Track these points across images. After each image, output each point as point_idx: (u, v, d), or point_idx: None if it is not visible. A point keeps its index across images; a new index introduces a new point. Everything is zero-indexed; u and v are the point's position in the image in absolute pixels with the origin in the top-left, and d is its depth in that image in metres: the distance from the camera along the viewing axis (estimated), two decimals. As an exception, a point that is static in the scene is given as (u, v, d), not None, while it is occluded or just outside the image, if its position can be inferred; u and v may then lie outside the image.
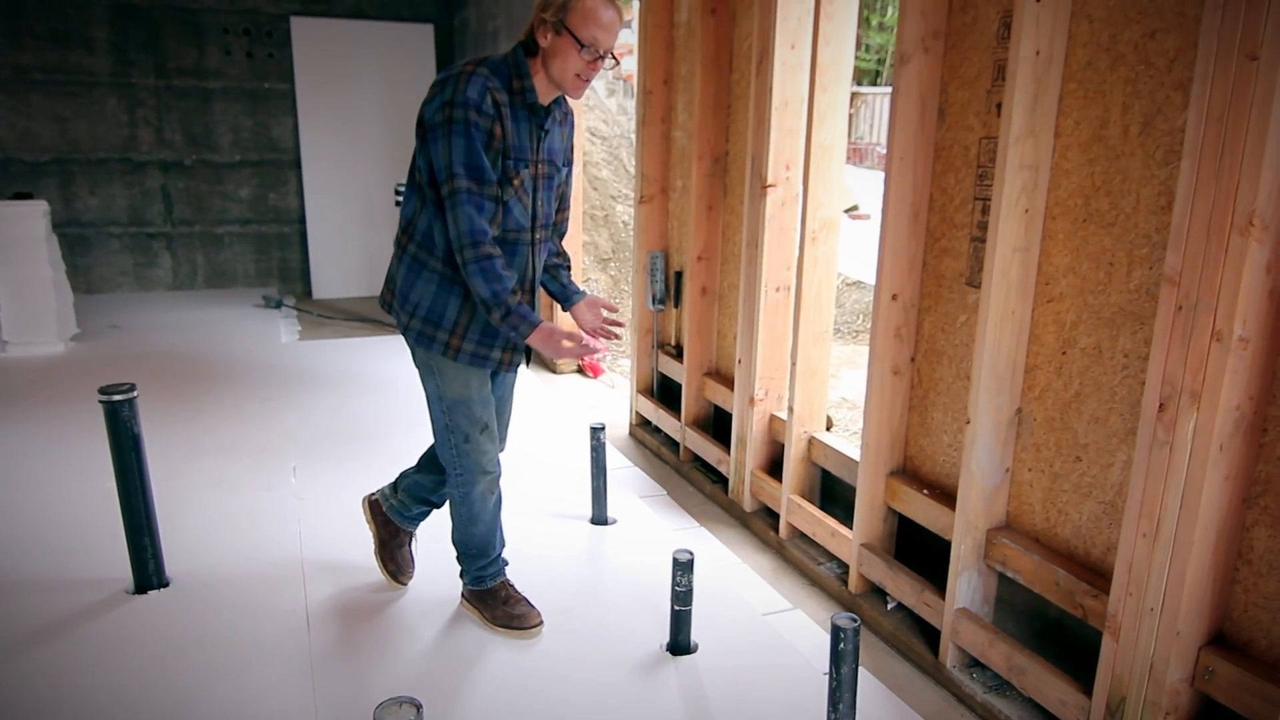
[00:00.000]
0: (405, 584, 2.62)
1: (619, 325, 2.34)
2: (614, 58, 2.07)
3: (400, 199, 5.98)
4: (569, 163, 2.28)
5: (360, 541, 2.84)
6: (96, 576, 2.65)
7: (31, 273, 5.06)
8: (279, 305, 6.58)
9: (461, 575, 2.51)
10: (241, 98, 6.85)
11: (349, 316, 6.44)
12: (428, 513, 2.61)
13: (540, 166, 2.15)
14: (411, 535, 2.65)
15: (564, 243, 2.42)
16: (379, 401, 4.43)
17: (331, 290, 7.17)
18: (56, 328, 5.19)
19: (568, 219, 2.38)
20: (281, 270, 7.29)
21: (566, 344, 2.09)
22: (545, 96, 2.09)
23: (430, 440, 2.42)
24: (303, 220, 7.14)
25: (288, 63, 6.81)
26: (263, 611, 2.49)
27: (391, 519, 2.60)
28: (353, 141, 7.02)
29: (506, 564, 2.53)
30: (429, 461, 2.50)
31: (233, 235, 7.09)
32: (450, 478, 2.34)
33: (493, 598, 2.46)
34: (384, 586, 2.62)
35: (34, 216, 5.08)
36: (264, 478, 3.42)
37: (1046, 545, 2.09)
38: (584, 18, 1.97)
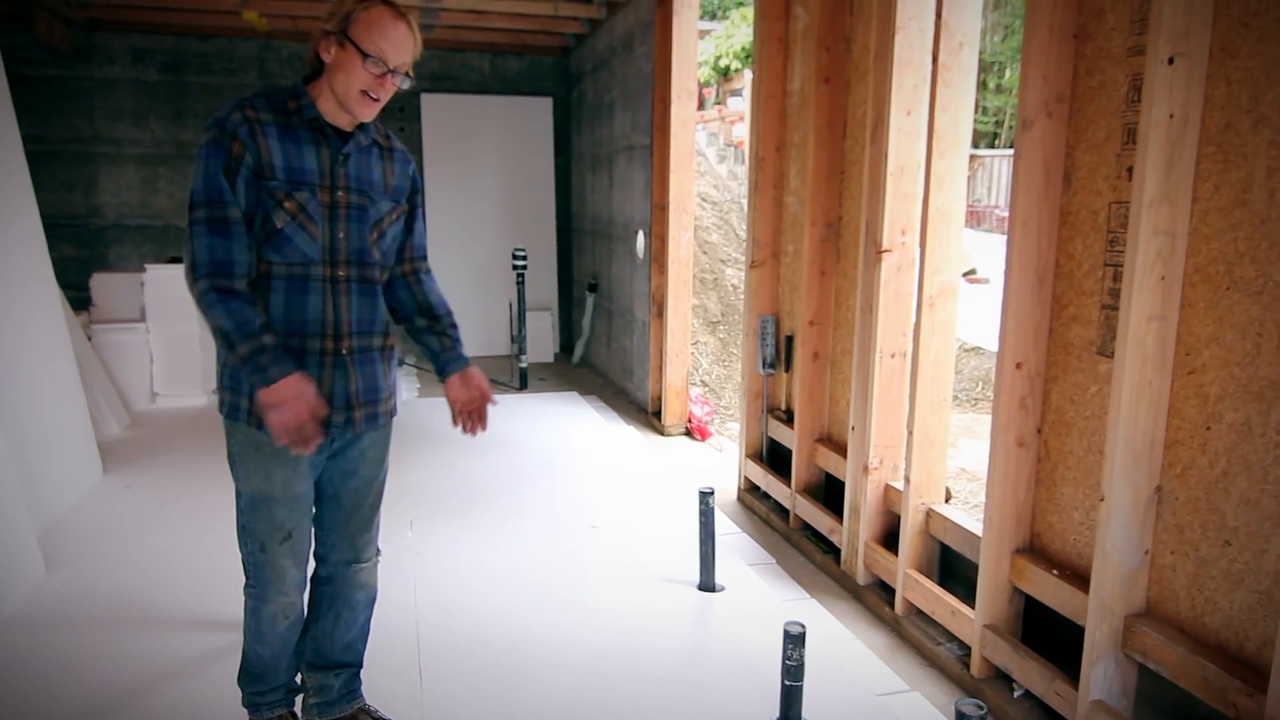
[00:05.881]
0: None
1: (486, 407, 2.11)
2: (407, 75, 1.83)
3: (518, 262, 6.20)
4: (399, 199, 2.02)
5: (471, 599, 2.89)
6: (229, 619, 2.78)
7: (181, 331, 5.47)
8: (401, 363, 6.87)
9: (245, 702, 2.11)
10: (374, 169, 7.29)
11: (465, 375, 6.65)
12: (357, 672, 2.21)
13: (341, 194, 1.87)
14: (368, 709, 2.22)
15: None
16: (491, 462, 4.53)
17: (449, 350, 7.44)
18: (201, 381, 5.57)
19: (424, 267, 2.12)
20: (404, 330, 7.61)
21: (309, 422, 1.73)
22: (337, 118, 1.86)
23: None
24: (425, 283, 7.47)
25: (416, 135, 7.23)
26: (376, 664, 2.55)
27: (338, 715, 2.16)
28: (473, 207, 7.36)
29: (291, 703, 2.13)
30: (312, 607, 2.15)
31: (361, 297, 7.48)
32: (247, 585, 2.03)
33: None
34: (501, 646, 2.64)
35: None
36: (382, 530, 3.53)
37: (1193, 636, 1.94)
38: (368, 28, 1.77)
